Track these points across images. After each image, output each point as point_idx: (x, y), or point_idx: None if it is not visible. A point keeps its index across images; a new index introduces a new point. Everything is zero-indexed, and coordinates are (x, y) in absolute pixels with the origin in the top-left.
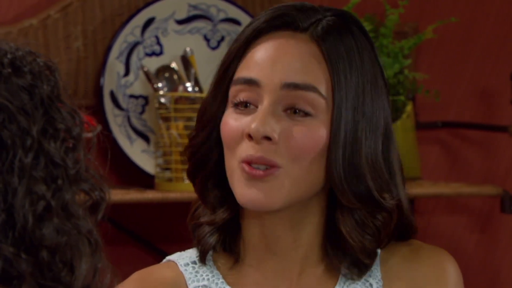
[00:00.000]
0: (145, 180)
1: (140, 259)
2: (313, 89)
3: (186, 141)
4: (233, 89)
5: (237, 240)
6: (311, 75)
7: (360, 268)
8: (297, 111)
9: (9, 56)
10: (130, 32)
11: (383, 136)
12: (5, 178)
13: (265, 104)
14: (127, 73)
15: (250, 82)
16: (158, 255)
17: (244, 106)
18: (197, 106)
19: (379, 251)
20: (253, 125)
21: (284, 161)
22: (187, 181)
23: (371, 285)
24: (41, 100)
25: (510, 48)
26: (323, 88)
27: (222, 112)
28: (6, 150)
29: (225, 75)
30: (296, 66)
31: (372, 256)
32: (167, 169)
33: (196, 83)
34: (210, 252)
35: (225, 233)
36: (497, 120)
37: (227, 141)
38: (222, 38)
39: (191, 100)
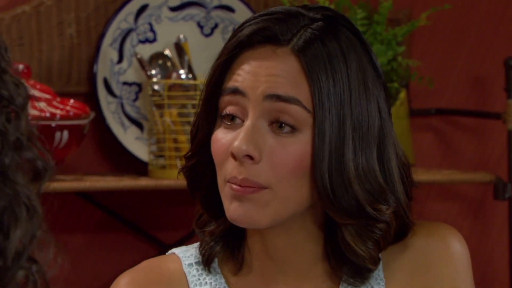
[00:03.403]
0: (138, 167)
1: (133, 246)
2: (296, 102)
3: (179, 128)
4: (221, 102)
5: (242, 247)
6: (294, 89)
7: (363, 274)
8: (282, 125)
9: None
10: (124, 19)
11: (377, 141)
12: None
13: (249, 120)
14: (120, 60)
15: (236, 92)
16: (151, 242)
17: (231, 120)
18: (191, 93)
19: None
20: (235, 143)
21: (270, 181)
22: None
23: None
24: None
25: (503, 35)
26: (306, 101)
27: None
28: None
29: (214, 90)
30: (278, 80)
31: (376, 262)
32: (160, 156)
33: (190, 70)
34: (216, 259)
35: (230, 240)
36: (490, 107)
37: (216, 159)
38: (216, 25)
39: (184, 87)
